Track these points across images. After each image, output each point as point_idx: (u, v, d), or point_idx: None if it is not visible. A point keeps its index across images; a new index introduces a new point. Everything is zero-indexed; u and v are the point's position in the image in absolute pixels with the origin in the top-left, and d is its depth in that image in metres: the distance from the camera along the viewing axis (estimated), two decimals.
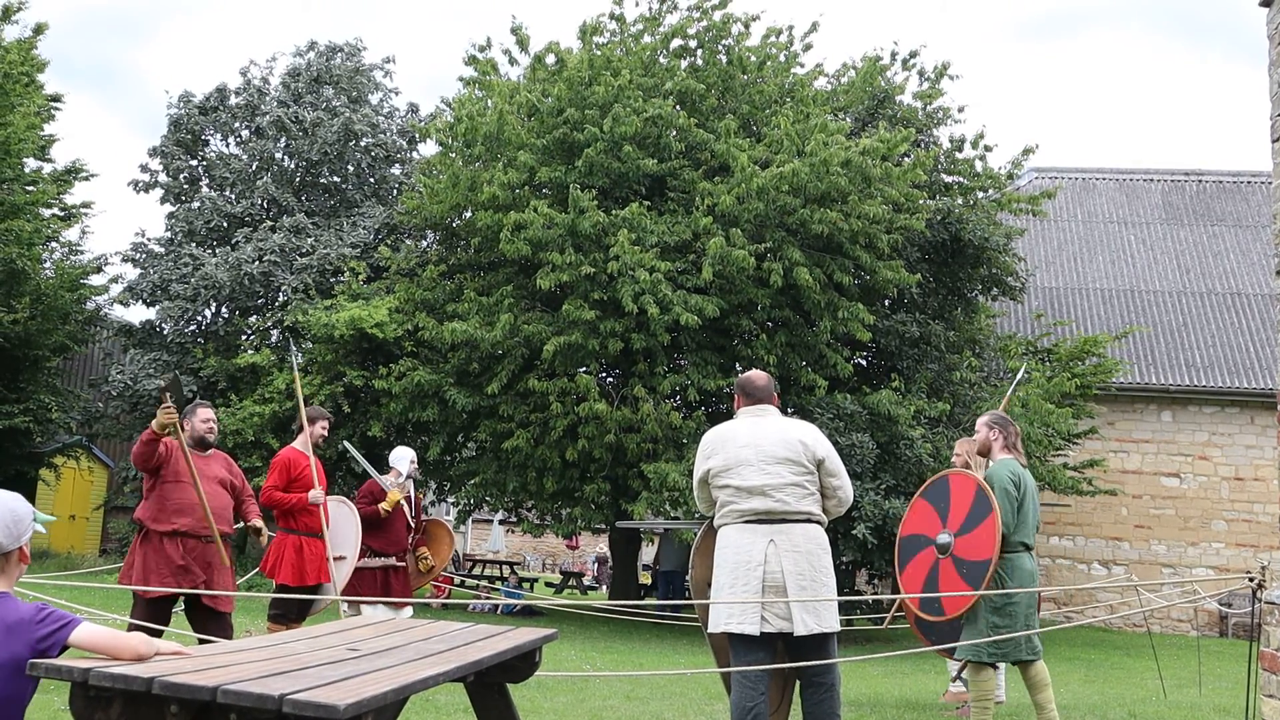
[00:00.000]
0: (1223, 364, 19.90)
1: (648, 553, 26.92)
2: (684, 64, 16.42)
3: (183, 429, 6.43)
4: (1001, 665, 7.11)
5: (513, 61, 17.22)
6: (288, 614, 7.53)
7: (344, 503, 8.27)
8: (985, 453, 6.30)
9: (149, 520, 6.25)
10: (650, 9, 16.91)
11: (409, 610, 8.22)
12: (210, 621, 6.23)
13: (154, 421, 6.07)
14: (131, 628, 5.67)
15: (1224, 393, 19.48)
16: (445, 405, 15.48)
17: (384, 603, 8.02)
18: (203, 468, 6.34)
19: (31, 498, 19.58)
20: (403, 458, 8.98)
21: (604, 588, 27.98)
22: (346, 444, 10.15)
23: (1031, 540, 6.06)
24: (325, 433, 7.99)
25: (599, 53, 15.86)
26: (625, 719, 6.86)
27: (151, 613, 6.14)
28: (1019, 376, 10.86)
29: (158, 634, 5.38)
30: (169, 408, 5.98)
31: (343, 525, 7.93)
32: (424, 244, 18.84)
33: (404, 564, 8.54)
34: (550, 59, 16.37)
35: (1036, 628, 5.98)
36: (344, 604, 7.87)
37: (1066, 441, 16.59)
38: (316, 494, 7.56)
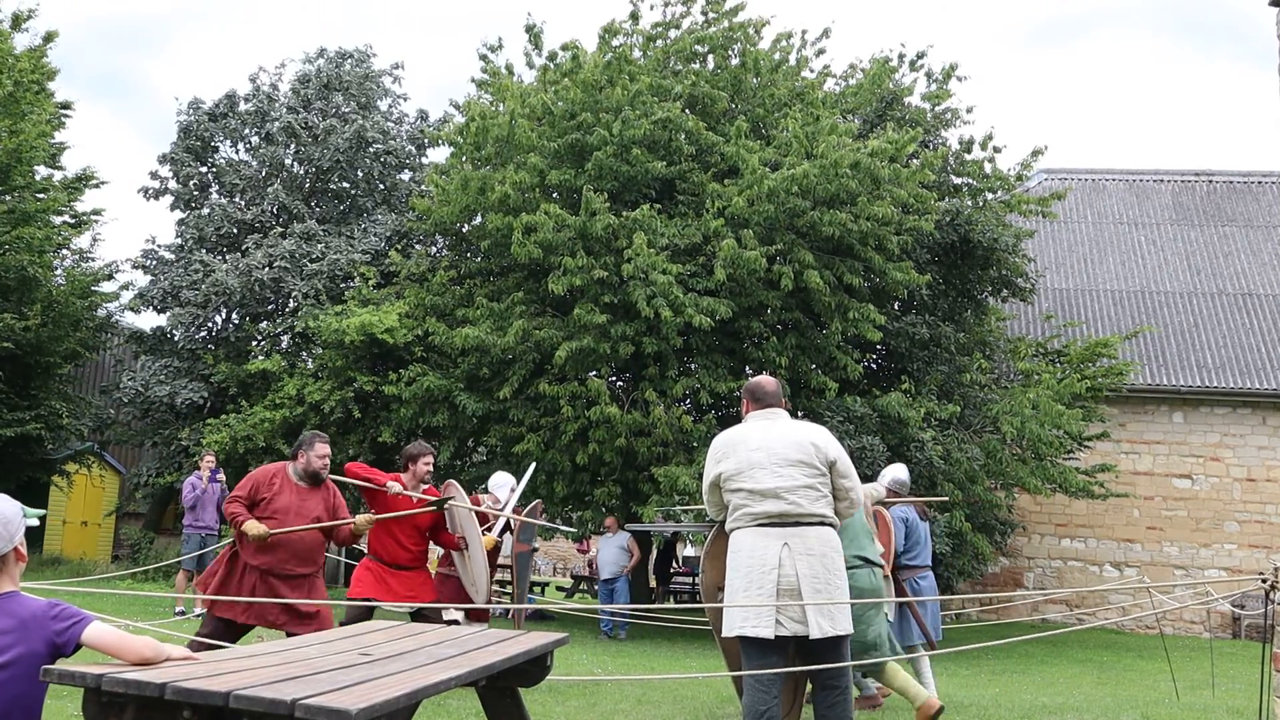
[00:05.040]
0: (1234, 365, 19.82)
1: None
2: (695, 66, 16.42)
3: (296, 459, 6.52)
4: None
5: (530, 64, 17.23)
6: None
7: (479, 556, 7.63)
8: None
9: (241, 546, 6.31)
10: (666, 14, 16.92)
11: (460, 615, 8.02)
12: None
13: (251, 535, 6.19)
14: (195, 646, 5.60)
15: (1235, 393, 19.41)
16: (455, 410, 15.48)
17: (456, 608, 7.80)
18: (300, 505, 6.38)
19: (44, 504, 19.69)
20: (503, 485, 8.41)
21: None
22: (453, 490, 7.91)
23: (869, 554, 6.40)
24: (430, 467, 7.42)
25: (616, 55, 15.82)
26: None
27: (219, 631, 6.16)
28: None
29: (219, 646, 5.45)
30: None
31: (476, 569, 7.59)
32: (434, 250, 18.86)
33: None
34: (564, 56, 16.31)
35: (876, 641, 6.25)
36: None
37: (1078, 444, 16.52)
38: (394, 485, 7.25)
